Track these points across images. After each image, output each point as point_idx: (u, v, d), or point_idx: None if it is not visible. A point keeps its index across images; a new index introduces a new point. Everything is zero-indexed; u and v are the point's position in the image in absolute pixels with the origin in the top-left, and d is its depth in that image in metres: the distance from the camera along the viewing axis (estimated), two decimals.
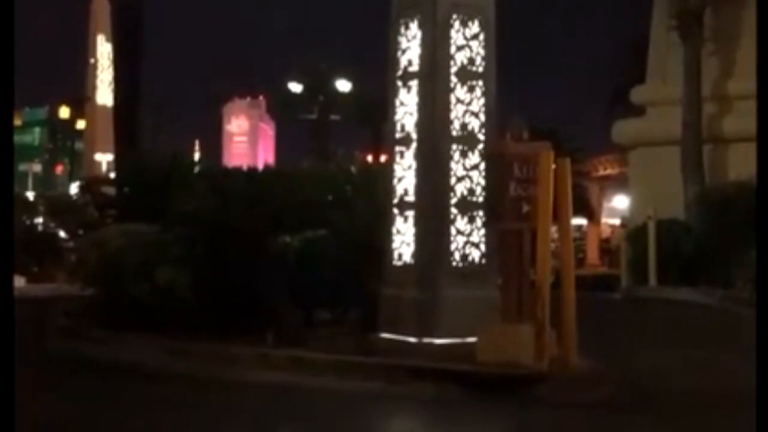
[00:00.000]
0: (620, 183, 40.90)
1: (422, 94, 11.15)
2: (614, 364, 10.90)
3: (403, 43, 11.39)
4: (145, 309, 12.74)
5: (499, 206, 10.59)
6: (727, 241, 20.29)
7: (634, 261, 23.49)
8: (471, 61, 11.14)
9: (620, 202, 44.73)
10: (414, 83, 11.25)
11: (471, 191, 10.95)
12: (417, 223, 11.04)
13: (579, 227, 41.23)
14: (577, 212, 33.30)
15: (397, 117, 11.37)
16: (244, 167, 17.07)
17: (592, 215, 44.82)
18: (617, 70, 40.17)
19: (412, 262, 11.05)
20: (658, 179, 24.31)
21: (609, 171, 46.82)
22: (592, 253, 42.92)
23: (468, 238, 10.90)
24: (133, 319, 12.80)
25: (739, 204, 20.56)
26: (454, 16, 11.09)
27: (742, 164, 21.98)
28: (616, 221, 46.79)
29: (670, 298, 20.05)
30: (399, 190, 11.26)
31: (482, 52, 11.19)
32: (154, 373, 11.11)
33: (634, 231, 24.04)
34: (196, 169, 17.43)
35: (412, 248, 11.06)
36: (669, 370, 11.26)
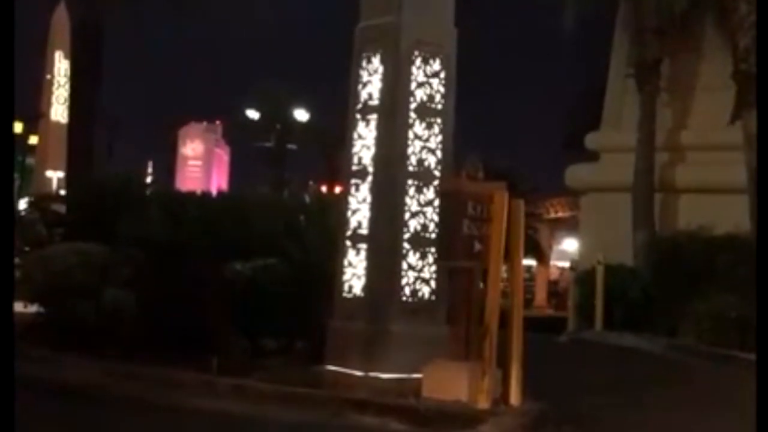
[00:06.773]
0: (571, 226, 41.17)
1: (381, 128, 11.19)
2: (557, 405, 10.93)
3: (364, 76, 11.44)
4: (90, 330, 12.63)
5: (451, 243, 10.63)
6: (673, 289, 20.43)
7: (581, 304, 23.60)
8: (430, 98, 11.21)
9: (570, 245, 45.01)
10: (373, 117, 11.29)
11: (424, 227, 10.99)
12: (369, 257, 11.04)
13: (528, 268, 41.42)
14: (528, 253, 33.44)
15: (355, 149, 11.39)
16: (198, 191, 17.00)
17: (542, 257, 45.01)
18: (573, 113, 40.51)
19: (362, 295, 11.04)
20: (609, 225, 24.46)
21: (560, 214, 47.11)
22: (541, 295, 43.15)
23: (419, 274, 10.93)
24: (78, 339, 12.68)
25: (687, 254, 20.75)
26: (416, 53, 11.17)
27: (691, 214, 22.21)
28: (566, 264, 47.09)
29: (614, 343, 20.12)
30: (353, 222, 11.27)
31: (442, 89, 11.28)
32: (96, 394, 10.97)
33: (582, 275, 24.15)
34: (149, 190, 17.32)
35: (362, 281, 11.05)
36: (609, 412, 11.31)
